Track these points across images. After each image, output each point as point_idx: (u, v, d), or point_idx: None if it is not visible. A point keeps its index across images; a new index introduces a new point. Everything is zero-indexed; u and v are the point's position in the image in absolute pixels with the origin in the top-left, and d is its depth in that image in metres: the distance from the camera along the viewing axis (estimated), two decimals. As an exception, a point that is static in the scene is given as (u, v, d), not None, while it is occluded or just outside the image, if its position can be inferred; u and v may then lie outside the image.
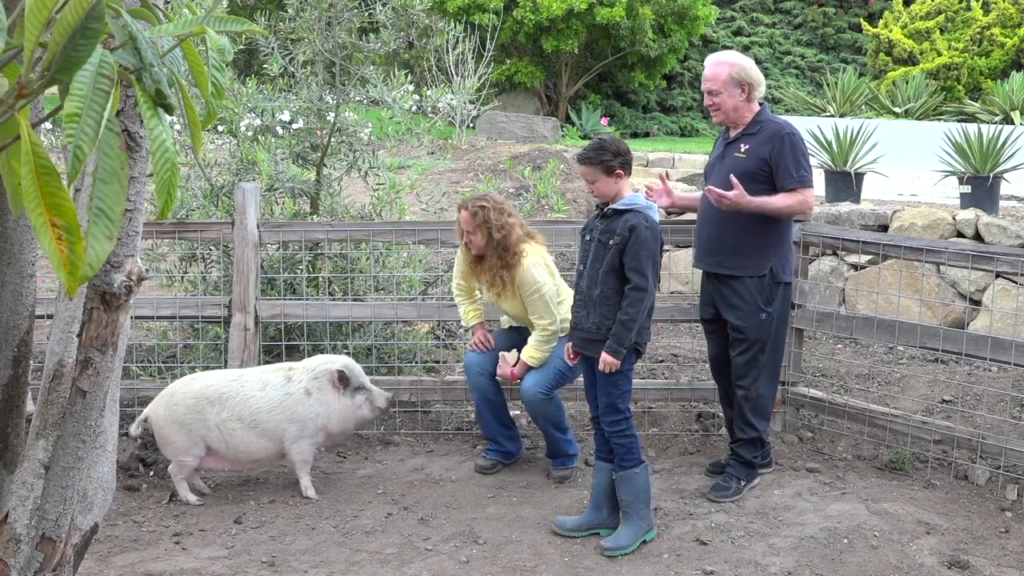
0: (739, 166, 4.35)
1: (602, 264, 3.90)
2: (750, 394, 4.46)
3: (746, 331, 4.41)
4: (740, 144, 4.42)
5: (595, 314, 3.91)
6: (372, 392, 4.46)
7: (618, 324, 3.85)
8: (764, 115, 4.46)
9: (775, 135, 4.36)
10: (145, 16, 1.47)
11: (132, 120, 2.08)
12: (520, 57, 15.95)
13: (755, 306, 4.39)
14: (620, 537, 3.92)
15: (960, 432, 4.64)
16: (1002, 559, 3.85)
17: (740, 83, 4.39)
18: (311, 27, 5.54)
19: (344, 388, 4.38)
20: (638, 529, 3.94)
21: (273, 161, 5.58)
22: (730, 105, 4.41)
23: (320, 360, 4.48)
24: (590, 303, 3.93)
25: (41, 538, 2.24)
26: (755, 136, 4.39)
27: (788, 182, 4.33)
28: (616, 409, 3.95)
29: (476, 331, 4.80)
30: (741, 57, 4.51)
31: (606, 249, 3.89)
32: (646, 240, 3.85)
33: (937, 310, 6.52)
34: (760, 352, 4.44)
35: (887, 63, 15.71)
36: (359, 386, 4.43)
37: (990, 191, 7.39)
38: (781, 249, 4.46)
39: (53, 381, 2.30)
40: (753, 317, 4.39)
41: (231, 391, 4.31)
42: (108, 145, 1.33)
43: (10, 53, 1.32)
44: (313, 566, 3.73)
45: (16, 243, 2.34)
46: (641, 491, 3.97)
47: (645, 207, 3.94)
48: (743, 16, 20.18)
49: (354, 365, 4.48)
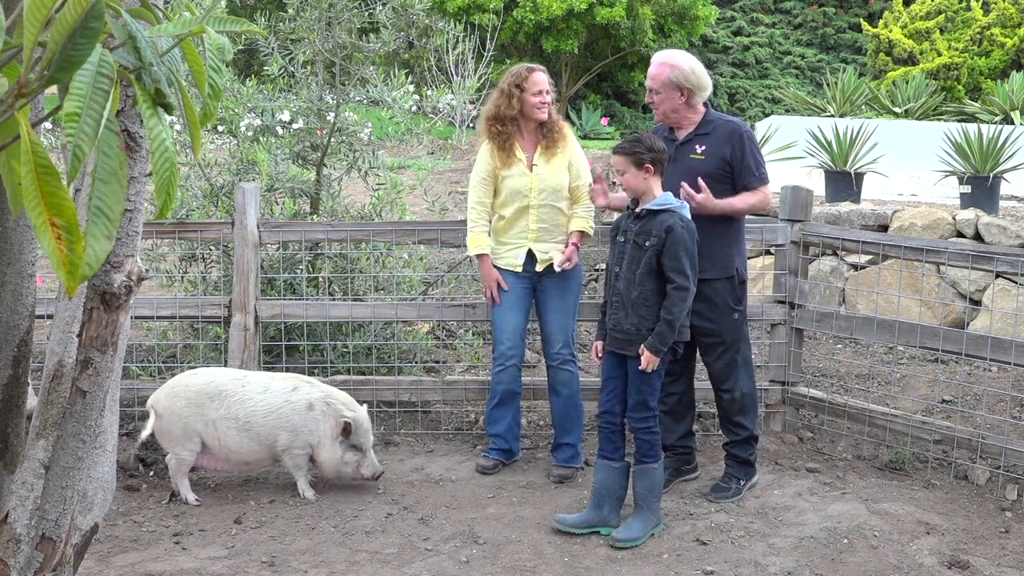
0: (698, 168, 4.29)
1: (639, 266, 3.96)
2: (735, 395, 4.45)
3: (722, 334, 4.40)
4: (695, 145, 4.36)
5: (634, 315, 3.98)
6: (365, 458, 4.35)
7: (663, 323, 3.92)
8: (712, 115, 4.43)
9: (733, 135, 4.33)
10: (144, 16, 1.47)
11: (132, 120, 2.08)
12: (520, 57, 15.93)
13: (727, 307, 4.38)
14: (632, 529, 3.98)
15: (960, 432, 4.64)
16: (1002, 559, 3.85)
17: (679, 87, 4.31)
18: (311, 27, 5.54)
19: (343, 438, 4.31)
20: (649, 522, 4.02)
21: (273, 161, 5.58)
22: (668, 107, 4.36)
23: (344, 396, 4.40)
24: (628, 305, 3.99)
25: (41, 538, 2.24)
26: (709, 136, 4.35)
27: (751, 181, 4.31)
28: (647, 406, 4.03)
29: (484, 263, 4.66)
30: (687, 59, 4.40)
31: (642, 251, 3.95)
32: (683, 240, 3.92)
33: (937, 310, 6.52)
34: (737, 352, 4.44)
35: (887, 63, 15.71)
36: (356, 445, 4.33)
37: (990, 191, 7.38)
38: (741, 248, 4.48)
39: (53, 381, 2.31)
40: (727, 318, 4.39)
41: (232, 390, 4.31)
42: (107, 144, 1.33)
43: (10, 53, 1.32)
44: (313, 566, 3.73)
45: (16, 243, 2.34)
46: (656, 485, 4.07)
47: (679, 206, 4.01)
48: (743, 16, 20.18)
49: (366, 424, 4.36)
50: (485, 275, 4.69)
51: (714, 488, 4.45)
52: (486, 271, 4.68)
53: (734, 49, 19.80)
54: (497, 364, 4.70)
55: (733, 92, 19.42)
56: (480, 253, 4.68)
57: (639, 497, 4.04)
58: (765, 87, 19.23)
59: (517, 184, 4.60)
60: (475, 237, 4.69)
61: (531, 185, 4.59)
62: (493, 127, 4.64)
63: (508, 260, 4.66)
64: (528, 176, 4.60)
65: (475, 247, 4.69)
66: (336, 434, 4.29)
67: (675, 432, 4.58)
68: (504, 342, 4.67)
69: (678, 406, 4.59)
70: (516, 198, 4.61)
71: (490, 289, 4.67)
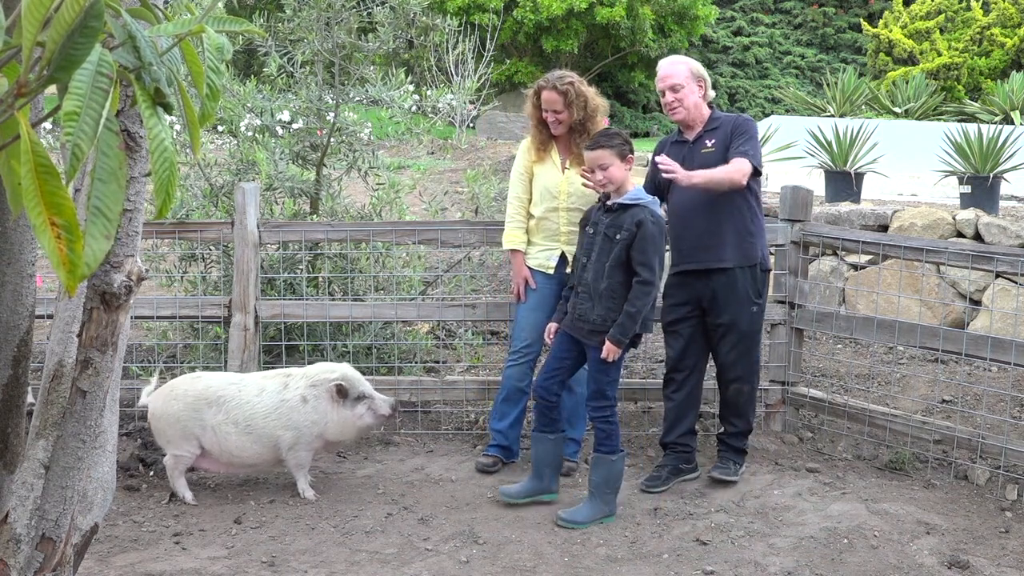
0: (710, 160, 4.37)
1: (608, 258, 4.02)
2: (741, 387, 4.50)
3: (738, 325, 4.42)
4: (705, 140, 4.46)
5: (600, 307, 4.04)
6: (375, 399, 4.34)
7: (625, 315, 3.99)
8: (718, 113, 4.56)
9: (736, 123, 4.46)
10: (144, 16, 1.47)
11: (131, 120, 2.08)
12: (520, 57, 15.95)
13: (747, 298, 4.40)
14: (579, 513, 4.10)
15: (960, 432, 4.64)
16: (1002, 559, 3.85)
17: (698, 78, 4.49)
18: (310, 27, 5.54)
19: (343, 400, 4.31)
20: (598, 511, 4.11)
21: (273, 161, 5.58)
22: (691, 101, 4.46)
23: (319, 368, 4.40)
24: (595, 296, 4.05)
25: (41, 538, 2.24)
26: (718, 130, 4.46)
27: (733, 154, 4.35)
28: (605, 396, 4.12)
29: (516, 259, 4.67)
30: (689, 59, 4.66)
31: (612, 243, 4.02)
32: (653, 235, 3.99)
33: (937, 310, 6.52)
34: (753, 345, 4.47)
35: (887, 63, 15.72)
36: (359, 395, 4.33)
37: (990, 191, 7.38)
38: (763, 236, 4.52)
39: (53, 381, 2.31)
40: (745, 309, 4.40)
41: (229, 394, 4.30)
42: (106, 144, 1.33)
43: (9, 53, 1.32)
44: (313, 566, 3.73)
45: (16, 243, 2.34)
46: (613, 478, 4.14)
47: (650, 201, 4.09)
48: (743, 16, 20.18)
49: (353, 374, 4.38)
50: (515, 271, 4.71)
51: (715, 467, 4.53)
52: (517, 267, 4.69)
53: (734, 49, 19.81)
54: (510, 358, 4.72)
55: (733, 92, 19.42)
56: (513, 248, 4.70)
57: (592, 485, 4.13)
58: (765, 87, 19.24)
59: (548, 183, 4.61)
60: (510, 232, 4.71)
61: (561, 187, 4.60)
62: (535, 124, 4.67)
63: (540, 261, 4.67)
64: (560, 177, 4.61)
65: (509, 242, 4.71)
66: (336, 401, 4.29)
67: (677, 429, 4.59)
68: (523, 339, 4.68)
69: (684, 404, 4.60)
70: (546, 198, 4.62)
71: (518, 286, 4.69)
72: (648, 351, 6.10)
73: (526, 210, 4.69)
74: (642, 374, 5.88)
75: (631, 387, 5.20)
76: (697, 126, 4.49)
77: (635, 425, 5.29)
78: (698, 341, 4.55)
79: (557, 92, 4.52)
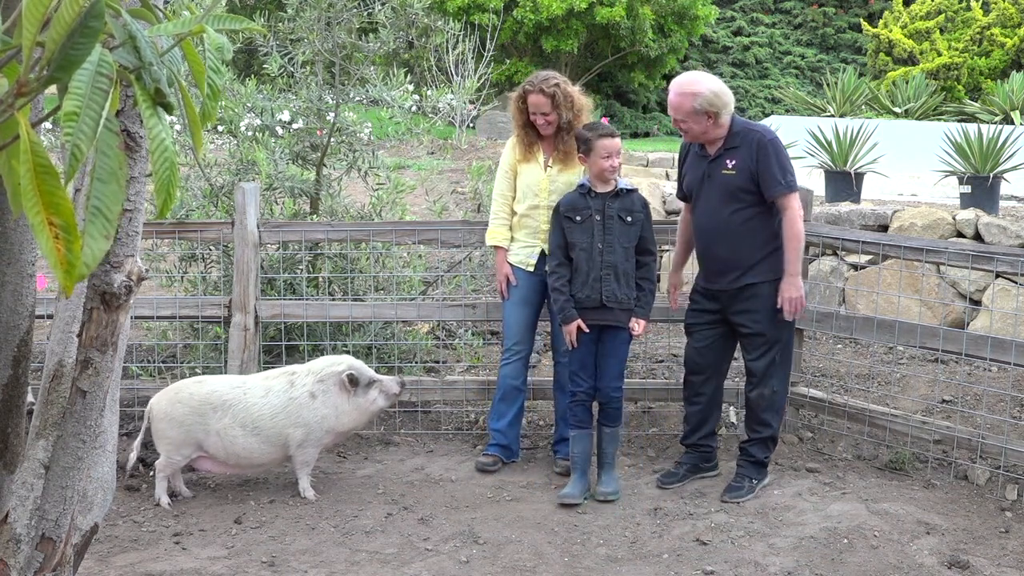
0: (730, 183, 4.33)
1: (629, 240, 4.33)
2: (764, 392, 4.46)
3: (766, 333, 4.40)
4: (726, 160, 4.36)
5: (626, 286, 4.32)
6: (383, 382, 4.43)
7: (647, 293, 4.38)
8: (738, 125, 4.40)
9: (758, 146, 4.31)
10: (144, 16, 1.47)
11: (132, 120, 2.08)
12: (520, 57, 15.95)
13: (772, 308, 4.37)
14: (611, 484, 4.38)
15: (960, 432, 4.64)
16: (1002, 559, 3.85)
17: (705, 112, 4.29)
18: (310, 27, 5.54)
19: (355, 388, 4.36)
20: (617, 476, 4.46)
21: (273, 161, 5.58)
22: (697, 131, 4.36)
23: (324, 363, 4.43)
24: (621, 276, 4.30)
25: (41, 538, 2.24)
26: (738, 149, 4.34)
27: (776, 188, 4.28)
28: (623, 374, 4.47)
29: (498, 256, 4.71)
30: (707, 82, 4.37)
31: (629, 226, 4.33)
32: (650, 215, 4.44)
33: (937, 310, 6.51)
34: (780, 352, 4.45)
35: (887, 63, 15.72)
36: (369, 381, 4.40)
37: (990, 191, 7.38)
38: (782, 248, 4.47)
39: (53, 381, 2.30)
40: (772, 318, 4.38)
41: (234, 398, 4.29)
42: (106, 144, 1.32)
43: (9, 53, 1.32)
44: (313, 566, 3.73)
45: (16, 243, 2.34)
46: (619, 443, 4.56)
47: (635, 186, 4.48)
48: (743, 16, 20.18)
49: (359, 364, 4.45)
50: (498, 268, 4.75)
51: (727, 489, 4.44)
52: (498, 264, 4.74)
53: (734, 49, 19.81)
54: (504, 357, 4.77)
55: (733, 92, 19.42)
56: (495, 245, 4.73)
57: (608, 457, 4.42)
58: (765, 87, 19.23)
59: (531, 180, 4.64)
60: (493, 229, 4.75)
61: (542, 185, 4.62)
62: (521, 127, 4.70)
63: (521, 258, 4.69)
64: (542, 175, 4.63)
65: (492, 239, 4.75)
66: (348, 391, 4.33)
67: (699, 432, 4.60)
68: (512, 336, 4.74)
69: (707, 407, 4.60)
70: (529, 195, 4.64)
71: (500, 283, 4.73)
72: (648, 351, 6.10)
73: (510, 207, 4.72)
74: (642, 374, 5.87)
75: (631, 387, 5.19)
76: (715, 143, 4.39)
77: (635, 425, 5.29)
78: (719, 344, 4.55)
79: (544, 95, 4.53)
